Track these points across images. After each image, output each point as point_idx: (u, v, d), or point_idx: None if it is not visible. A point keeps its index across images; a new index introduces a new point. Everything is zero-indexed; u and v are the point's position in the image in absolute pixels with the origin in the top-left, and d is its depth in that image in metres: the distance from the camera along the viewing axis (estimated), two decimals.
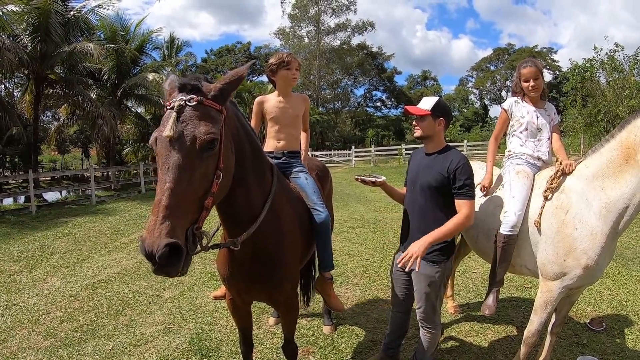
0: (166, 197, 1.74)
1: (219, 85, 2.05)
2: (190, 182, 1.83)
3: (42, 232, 10.37)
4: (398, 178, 20.05)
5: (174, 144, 1.83)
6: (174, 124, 1.83)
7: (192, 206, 1.85)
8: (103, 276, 6.63)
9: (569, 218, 3.08)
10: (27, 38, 17.32)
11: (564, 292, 3.18)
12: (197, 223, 1.87)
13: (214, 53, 62.68)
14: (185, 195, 1.80)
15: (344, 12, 53.35)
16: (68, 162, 50.43)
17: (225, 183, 2.08)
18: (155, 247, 1.65)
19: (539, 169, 3.58)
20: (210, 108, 1.97)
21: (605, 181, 2.99)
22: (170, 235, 1.68)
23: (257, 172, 2.55)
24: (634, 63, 20.48)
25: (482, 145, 29.25)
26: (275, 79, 3.38)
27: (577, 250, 3.00)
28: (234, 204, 2.38)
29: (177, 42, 35.58)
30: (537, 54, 52.98)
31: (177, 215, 1.75)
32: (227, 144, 2.07)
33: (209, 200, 1.93)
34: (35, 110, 19.08)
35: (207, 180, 1.92)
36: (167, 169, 1.80)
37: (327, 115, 51.88)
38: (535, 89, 3.57)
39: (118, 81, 23.32)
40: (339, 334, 4.43)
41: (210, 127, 1.90)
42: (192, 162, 1.84)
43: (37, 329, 4.81)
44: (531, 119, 3.59)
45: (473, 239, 3.79)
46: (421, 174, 3.16)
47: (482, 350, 4.06)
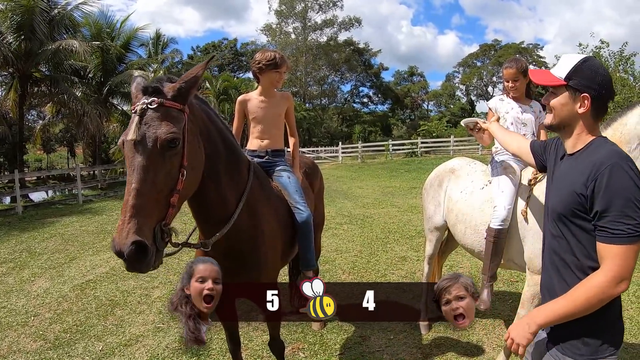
0: (132, 197, 1.86)
1: (177, 85, 2.11)
2: (155, 181, 1.94)
3: (29, 233, 10.28)
4: (386, 174, 20.19)
5: (138, 146, 1.94)
6: (136, 127, 1.96)
7: (157, 204, 1.96)
8: (91, 276, 6.61)
9: None
10: (12, 36, 17.07)
11: None
12: (165, 220, 1.99)
13: (200, 50, 62.15)
14: (151, 194, 1.91)
15: (331, 8, 53.34)
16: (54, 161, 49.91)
17: (192, 180, 2.18)
18: (123, 245, 1.78)
19: (525, 164, 3.63)
20: (171, 109, 2.05)
21: None
22: (137, 233, 1.81)
23: (231, 169, 2.61)
24: (619, 59, 20.71)
25: (469, 140, 29.44)
26: (261, 77, 3.30)
27: None
28: (206, 201, 2.46)
29: (163, 39, 35.38)
30: (523, 50, 53.34)
31: (144, 214, 1.87)
32: (193, 141, 2.17)
33: (174, 197, 2.02)
34: (20, 109, 18.84)
35: (172, 179, 2.02)
36: (133, 170, 1.92)
37: (314, 112, 51.82)
38: (514, 89, 3.63)
39: (104, 79, 23.12)
40: (328, 330, 4.47)
41: (170, 127, 1.98)
42: (155, 162, 1.95)
43: (26, 331, 4.79)
44: (516, 113, 3.64)
45: (461, 234, 3.82)
46: (552, 187, 1.97)
47: (470, 344, 4.13)
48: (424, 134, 35.45)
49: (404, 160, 27.53)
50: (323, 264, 6.14)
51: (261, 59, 3.24)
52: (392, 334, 4.33)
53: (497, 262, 3.44)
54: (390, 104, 61.75)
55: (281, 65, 3.26)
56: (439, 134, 35.09)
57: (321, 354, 4.06)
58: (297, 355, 4.06)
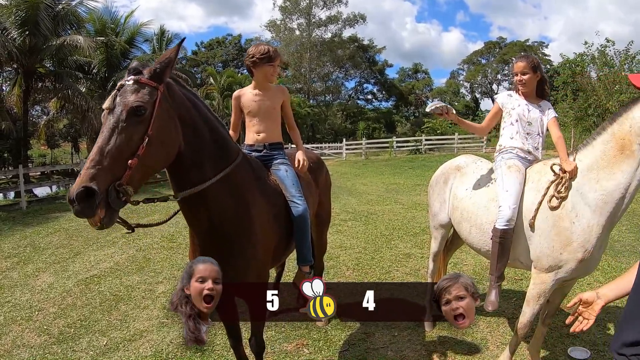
0: (94, 152, 2.11)
1: (153, 66, 2.37)
2: (116, 141, 2.15)
3: (33, 228, 10.32)
4: (390, 171, 20.16)
5: (110, 113, 2.22)
6: (112, 98, 2.24)
7: (115, 163, 2.13)
8: (95, 271, 6.62)
9: (564, 212, 3.09)
10: (16, 31, 17.12)
11: (557, 284, 3.22)
12: (121, 180, 2.14)
13: (205, 45, 62.29)
14: (111, 152, 2.12)
15: (335, 4, 53.27)
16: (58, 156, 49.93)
17: (158, 153, 2.33)
18: (74, 190, 2.00)
19: (530, 162, 3.59)
20: (145, 85, 2.29)
21: (600, 173, 3.00)
22: (89, 181, 2.03)
23: (218, 161, 2.71)
24: (624, 58, 20.63)
25: (473, 138, 29.38)
26: (255, 71, 3.29)
27: (573, 244, 3.03)
28: (184, 175, 2.58)
29: (167, 35, 35.26)
30: (528, 48, 53.08)
31: (101, 168, 2.09)
32: (165, 117, 2.35)
33: (134, 160, 2.17)
34: (25, 104, 18.92)
35: (134, 143, 2.20)
36: (101, 132, 2.18)
37: (318, 108, 51.83)
38: (522, 83, 3.57)
39: (108, 74, 23.10)
40: (332, 327, 4.45)
41: (138, 97, 2.23)
42: (119, 125, 2.18)
43: (30, 326, 4.80)
44: (522, 111, 3.58)
45: (466, 233, 3.77)
46: None
47: (474, 342, 4.11)
48: (428, 131, 35.39)
49: (408, 157, 27.48)
50: (327, 260, 6.13)
51: (255, 53, 3.24)
52: (396, 330, 4.31)
53: (504, 262, 3.38)
54: (394, 100, 61.70)
55: (275, 59, 3.27)
56: (443, 131, 35.00)
57: (325, 350, 4.05)
58: (302, 351, 4.05)
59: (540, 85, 3.63)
